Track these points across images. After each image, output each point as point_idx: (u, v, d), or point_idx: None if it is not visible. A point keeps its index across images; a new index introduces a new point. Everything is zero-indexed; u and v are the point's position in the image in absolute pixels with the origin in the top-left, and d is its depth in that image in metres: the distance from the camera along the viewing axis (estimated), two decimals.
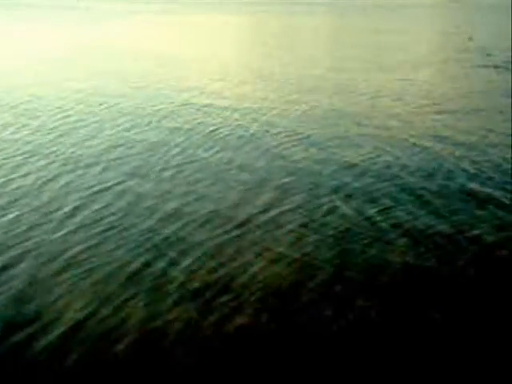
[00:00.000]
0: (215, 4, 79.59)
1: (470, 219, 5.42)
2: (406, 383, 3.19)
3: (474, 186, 6.41)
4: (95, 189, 6.23)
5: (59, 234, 5.07)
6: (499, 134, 8.78)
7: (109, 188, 6.27)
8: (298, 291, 4.13)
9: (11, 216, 5.46)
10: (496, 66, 16.58)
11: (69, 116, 10.01)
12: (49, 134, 8.71)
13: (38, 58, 18.53)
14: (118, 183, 6.43)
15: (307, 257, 4.65)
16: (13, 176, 6.64)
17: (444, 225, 5.29)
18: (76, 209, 5.65)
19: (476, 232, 5.13)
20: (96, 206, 5.72)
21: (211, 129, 9.01)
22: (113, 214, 5.54)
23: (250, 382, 3.20)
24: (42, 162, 7.20)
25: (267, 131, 8.88)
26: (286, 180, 6.57)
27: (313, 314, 3.84)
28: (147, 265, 4.51)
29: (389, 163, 7.26)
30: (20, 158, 7.42)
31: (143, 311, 3.86)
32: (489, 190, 6.25)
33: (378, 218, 5.44)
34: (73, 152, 7.70)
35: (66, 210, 5.63)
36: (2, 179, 6.52)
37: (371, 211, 5.61)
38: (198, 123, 9.42)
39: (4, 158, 7.36)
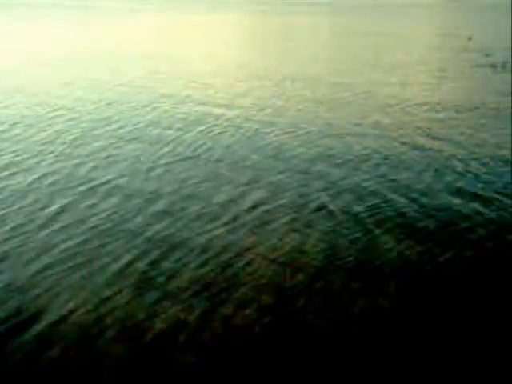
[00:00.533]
0: (215, 3, 79.48)
1: (458, 217, 5.37)
2: (396, 377, 3.12)
3: (466, 184, 6.35)
4: (83, 187, 6.16)
5: (46, 231, 5.00)
6: (498, 133, 8.69)
7: (97, 186, 6.20)
8: (285, 287, 4.08)
9: None
10: (495, 66, 16.50)
11: (60, 115, 9.93)
12: (38, 132, 8.63)
13: (32, 58, 18.45)
14: (107, 181, 6.36)
15: (294, 253, 4.60)
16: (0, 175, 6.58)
17: (431, 221, 5.25)
18: (64, 207, 5.58)
19: (462, 228, 5.09)
20: (83, 205, 5.65)
21: (203, 127, 8.93)
22: (101, 211, 5.47)
23: (233, 378, 3.13)
24: (31, 161, 7.12)
25: (259, 129, 8.81)
26: (276, 177, 6.52)
27: (299, 309, 3.79)
28: (134, 261, 4.45)
29: (380, 161, 7.19)
30: (9, 156, 7.34)
31: (128, 307, 3.81)
32: (481, 189, 6.18)
33: (366, 215, 5.40)
34: (61, 151, 7.62)
35: (53, 208, 5.56)
36: None
37: (359, 208, 5.57)
38: (191, 121, 9.35)
39: None
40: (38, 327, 3.58)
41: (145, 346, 3.40)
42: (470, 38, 25.15)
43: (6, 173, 6.61)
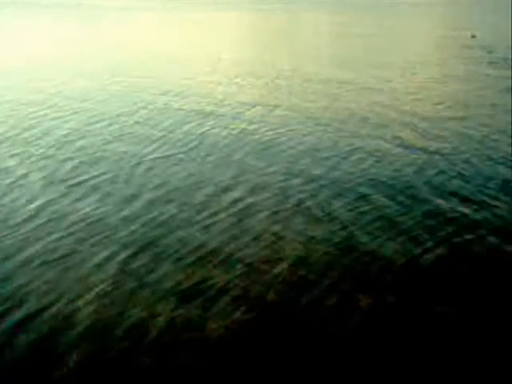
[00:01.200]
0: (217, 3, 79.53)
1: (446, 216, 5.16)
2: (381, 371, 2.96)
3: (459, 184, 6.19)
4: (66, 185, 6.01)
5: (23, 229, 4.87)
6: (499, 130, 8.46)
7: (80, 183, 6.04)
8: (259, 279, 4.03)
9: None
10: (497, 63, 16.26)
11: (47, 114, 9.80)
12: (24, 131, 8.44)
13: (25, 57, 18.37)
14: (90, 179, 6.21)
15: (269, 249, 4.51)
16: None
17: (414, 220, 5.06)
18: (43, 205, 5.44)
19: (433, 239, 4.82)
20: (60, 205, 5.49)
21: (189, 126, 8.71)
22: (81, 208, 5.35)
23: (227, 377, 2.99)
24: (13, 161, 6.93)
25: (244, 129, 8.53)
26: (257, 176, 6.30)
27: (280, 303, 3.73)
28: (112, 256, 4.36)
29: (369, 160, 6.92)
30: None
31: (98, 302, 3.73)
32: (476, 190, 5.95)
33: (340, 218, 5.19)
34: (46, 150, 7.43)
35: (33, 206, 5.43)
36: None
37: (335, 207, 5.39)
38: (181, 118, 9.21)
39: None
40: (14, 319, 3.52)
41: (115, 342, 3.32)
42: (473, 36, 24.91)
43: None
